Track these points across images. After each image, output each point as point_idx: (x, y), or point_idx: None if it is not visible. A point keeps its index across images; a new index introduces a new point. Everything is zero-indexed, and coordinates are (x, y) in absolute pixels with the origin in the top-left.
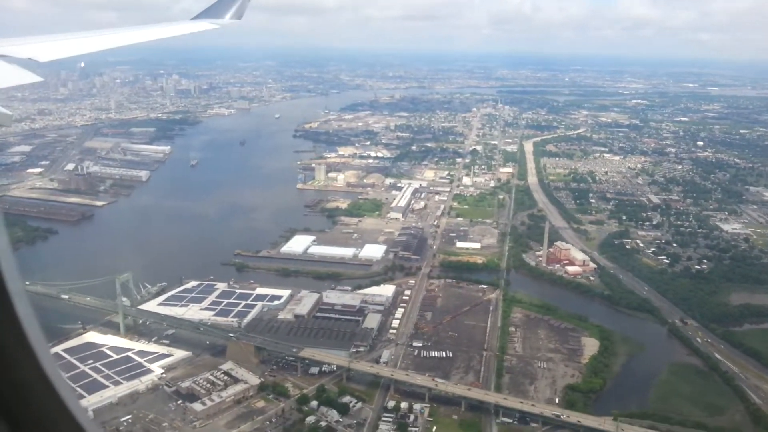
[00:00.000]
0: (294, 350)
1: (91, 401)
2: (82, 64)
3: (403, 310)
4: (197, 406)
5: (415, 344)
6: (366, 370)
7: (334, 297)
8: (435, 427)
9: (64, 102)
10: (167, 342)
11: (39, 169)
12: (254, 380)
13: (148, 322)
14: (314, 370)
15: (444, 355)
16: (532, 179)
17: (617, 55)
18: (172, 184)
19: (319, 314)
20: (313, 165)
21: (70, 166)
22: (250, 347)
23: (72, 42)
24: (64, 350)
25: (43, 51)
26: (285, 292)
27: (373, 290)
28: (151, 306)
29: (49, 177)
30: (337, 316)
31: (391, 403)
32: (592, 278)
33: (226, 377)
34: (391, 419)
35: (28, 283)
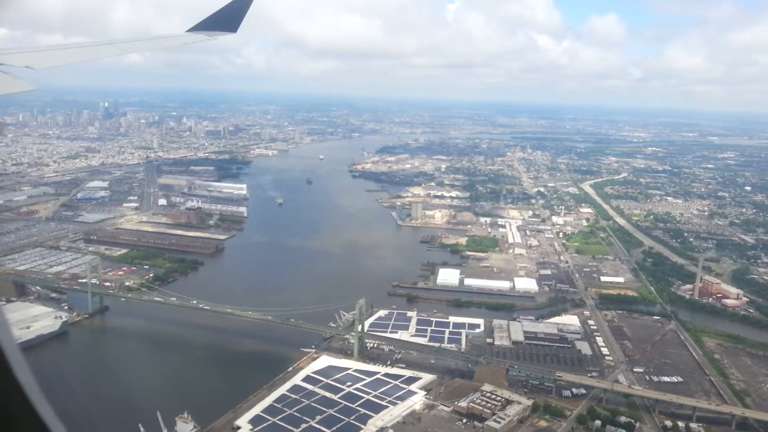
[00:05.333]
0: (549, 374)
1: (384, 420)
2: (106, 104)
3: (600, 338)
4: (493, 424)
5: (636, 370)
6: (627, 391)
7: (530, 326)
8: None
9: (101, 140)
10: (403, 365)
11: (134, 204)
12: (526, 401)
13: (369, 346)
14: (566, 392)
15: (676, 380)
16: (620, 220)
17: (603, 104)
18: (273, 220)
19: (527, 341)
20: (398, 203)
21: (162, 201)
22: (502, 370)
23: (68, 51)
24: (315, 372)
25: (39, 60)
26: (478, 321)
27: (558, 320)
28: None
29: (151, 212)
30: (546, 343)
31: (668, 423)
32: (751, 311)
33: (499, 398)
34: None
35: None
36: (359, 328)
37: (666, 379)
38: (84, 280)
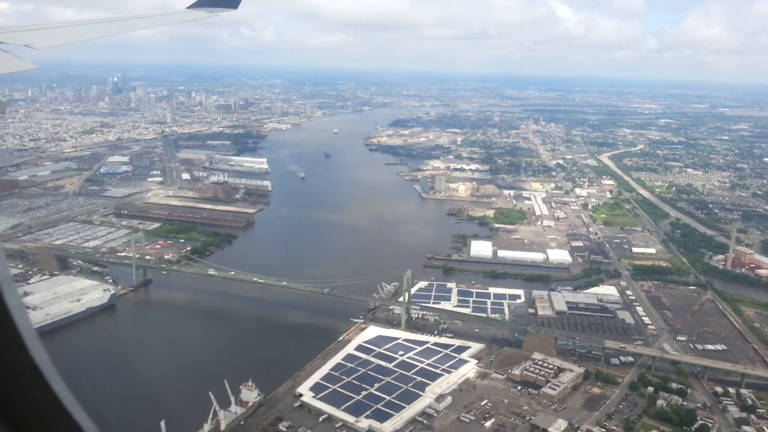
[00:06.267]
0: (598, 342)
1: (442, 387)
2: (115, 79)
3: (640, 308)
4: (549, 391)
5: (679, 338)
6: (676, 358)
7: (569, 296)
8: None
9: (114, 116)
10: (450, 335)
11: (158, 179)
12: (577, 369)
13: (414, 316)
14: (614, 360)
15: (720, 348)
16: (643, 192)
17: (611, 76)
18: (298, 194)
19: (570, 311)
20: (419, 176)
21: (186, 176)
22: (550, 339)
23: (68, 30)
24: (366, 342)
25: (39, 38)
26: (518, 291)
27: (596, 290)
28: None
29: (176, 186)
30: (589, 312)
31: (718, 389)
32: None
33: (551, 366)
34: (732, 402)
35: (285, 282)
36: (406, 298)
37: (710, 347)
38: (123, 254)
